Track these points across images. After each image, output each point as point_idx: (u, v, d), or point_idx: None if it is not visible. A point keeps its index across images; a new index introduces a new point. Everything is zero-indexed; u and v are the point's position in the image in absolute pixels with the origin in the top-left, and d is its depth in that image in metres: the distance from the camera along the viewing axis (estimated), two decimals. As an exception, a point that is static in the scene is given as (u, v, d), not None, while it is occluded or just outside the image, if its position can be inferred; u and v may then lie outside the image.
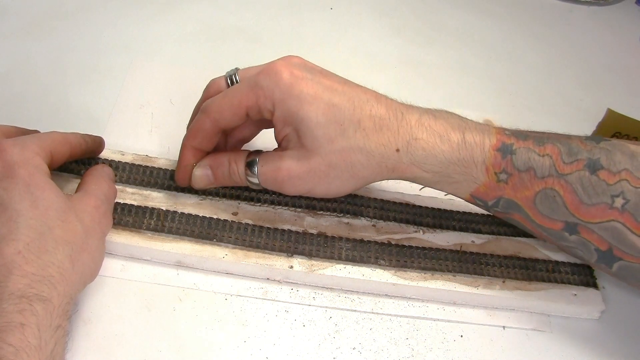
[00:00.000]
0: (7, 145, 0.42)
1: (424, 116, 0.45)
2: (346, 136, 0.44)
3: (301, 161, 0.45)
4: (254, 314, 0.47)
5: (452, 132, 0.45)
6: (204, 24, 0.71)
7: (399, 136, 0.45)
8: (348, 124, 0.44)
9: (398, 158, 0.45)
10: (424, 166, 0.45)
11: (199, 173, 0.49)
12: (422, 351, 0.46)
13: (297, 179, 0.46)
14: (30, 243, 0.39)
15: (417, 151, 0.45)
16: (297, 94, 0.44)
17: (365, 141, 0.45)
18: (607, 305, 0.50)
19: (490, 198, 0.46)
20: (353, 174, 0.46)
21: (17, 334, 0.35)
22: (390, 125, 0.45)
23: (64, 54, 0.64)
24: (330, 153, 0.45)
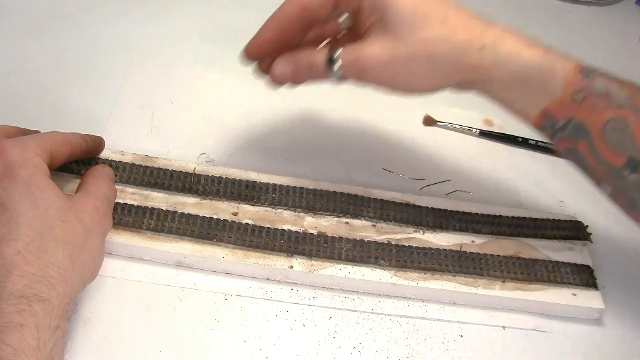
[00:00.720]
0: (7, 145, 0.42)
1: (509, 28, 0.45)
2: (432, 27, 0.44)
3: (384, 48, 0.45)
4: (254, 314, 0.47)
5: (536, 45, 0.45)
6: (204, 24, 0.71)
7: (484, 35, 0.44)
8: (434, 17, 0.44)
9: (481, 56, 0.44)
10: (506, 68, 0.44)
11: (278, 67, 0.48)
12: (422, 351, 0.46)
13: (379, 65, 0.45)
14: (30, 243, 0.39)
15: (503, 51, 0.44)
16: None
17: (450, 34, 0.44)
18: (607, 305, 0.50)
19: (560, 118, 0.45)
20: (434, 65, 0.45)
21: (15, 334, 0.35)
22: (476, 25, 0.45)
23: (64, 54, 0.64)
24: (414, 42, 0.44)
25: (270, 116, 0.62)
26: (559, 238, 0.53)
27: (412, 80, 0.46)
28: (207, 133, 0.59)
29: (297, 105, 0.63)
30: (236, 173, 0.53)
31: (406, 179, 0.57)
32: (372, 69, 0.46)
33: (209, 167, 0.54)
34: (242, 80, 0.65)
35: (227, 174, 0.53)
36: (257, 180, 0.53)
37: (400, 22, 0.44)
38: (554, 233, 0.53)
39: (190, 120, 0.60)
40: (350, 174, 0.57)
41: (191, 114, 0.60)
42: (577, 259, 0.52)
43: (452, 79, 0.46)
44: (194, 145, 0.57)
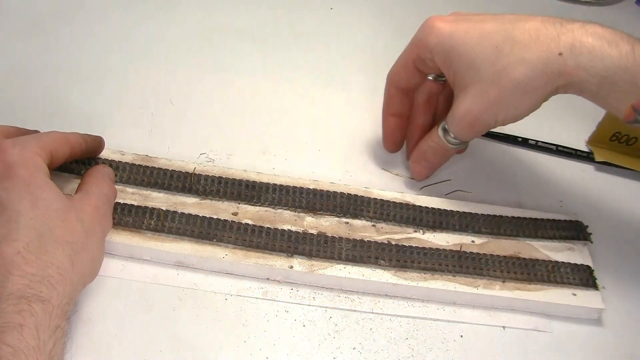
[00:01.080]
0: (7, 145, 0.42)
1: (588, 24, 0.45)
2: (504, 54, 0.45)
3: (475, 98, 0.47)
4: (254, 314, 0.47)
5: (620, 41, 0.44)
6: (203, 24, 0.71)
7: (560, 41, 0.44)
8: (503, 44, 0.45)
9: (562, 61, 0.44)
10: (590, 69, 0.44)
11: (414, 169, 0.55)
12: (422, 351, 0.46)
13: (481, 115, 0.47)
14: (29, 243, 0.39)
15: (583, 53, 0.44)
16: (448, 35, 0.47)
17: (523, 53, 0.45)
18: (606, 305, 0.50)
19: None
20: (522, 88, 0.46)
21: (15, 334, 0.35)
22: (547, 33, 0.45)
23: (63, 54, 0.64)
24: (495, 75, 0.46)
25: (270, 116, 0.62)
26: (559, 238, 0.53)
27: (512, 111, 0.47)
28: (207, 133, 0.59)
29: (297, 106, 0.63)
30: (236, 173, 0.53)
31: (406, 179, 0.57)
32: (476, 120, 0.48)
33: (209, 167, 0.54)
34: (242, 80, 0.65)
35: (227, 174, 0.53)
36: (257, 180, 0.53)
37: (474, 66, 0.46)
38: (554, 233, 0.53)
39: (190, 120, 0.60)
40: (350, 174, 0.57)
41: (191, 114, 0.60)
42: (577, 259, 0.52)
43: (546, 90, 0.46)
44: (194, 145, 0.57)
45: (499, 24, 0.47)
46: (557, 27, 0.45)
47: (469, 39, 0.47)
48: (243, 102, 0.63)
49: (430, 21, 0.49)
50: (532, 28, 0.45)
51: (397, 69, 0.53)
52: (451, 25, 0.48)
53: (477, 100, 0.47)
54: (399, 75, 0.53)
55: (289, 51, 0.69)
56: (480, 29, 0.47)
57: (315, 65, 0.68)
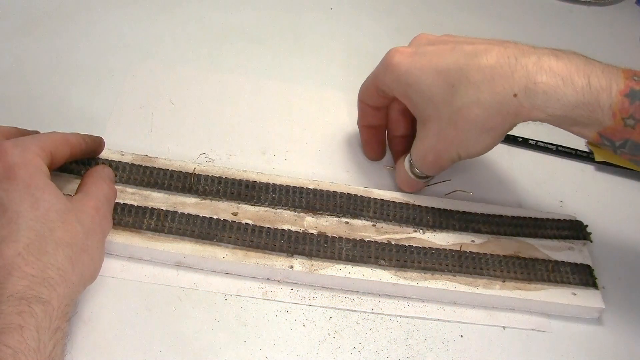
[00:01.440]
0: (7, 146, 0.42)
1: (543, 58, 0.44)
2: (459, 95, 0.45)
3: (435, 136, 0.48)
4: (254, 314, 0.47)
5: (575, 76, 0.43)
6: (204, 24, 0.71)
7: (514, 81, 0.44)
8: (458, 84, 0.45)
9: (518, 103, 0.44)
10: (547, 110, 0.43)
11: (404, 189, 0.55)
12: (422, 351, 0.46)
13: (442, 153, 0.48)
14: (30, 245, 0.39)
15: (538, 95, 0.43)
16: (404, 72, 0.48)
17: (478, 94, 0.45)
18: (606, 305, 0.50)
19: (617, 139, 0.44)
20: (478, 128, 0.46)
21: (15, 336, 0.35)
22: (502, 72, 0.44)
23: (63, 54, 0.64)
24: (451, 114, 0.46)
25: (270, 116, 0.62)
26: (558, 238, 0.53)
27: (472, 149, 0.48)
28: (207, 133, 0.59)
29: (297, 106, 0.63)
30: (236, 173, 0.53)
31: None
32: (439, 158, 0.49)
33: (209, 167, 0.54)
34: (242, 80, 0.65)
35: (227, 174, 0.53)
36: (257, 180, 0.53)
37: (431, 104, 0.47)
38: (553, 233, 0.53)
39: (190, 120, 0.60)
40: (350, 174, 0.57)
41: (191, 114, 0.60)
42: (577, 258, 0.52)
43: (504, 128, 0.46)
44: (194, 145, 0.57)
45: (455, 60, 0.46)
46: (511, 64, 0.44)
47: (425, 77, 0.47)
48: (243, 102, 0.63)
49: (390, 56, 0.49)
50: (487, 66, 0.45)
51: (364, 91, 0.54)
52: (408, 61, 0.48)
53: (436, 139, 0.48)
54: (366, 95, 0.54)
55: (289, 51, 0.69)
56: (436, 66, 0.47)
57: (315, 65, 0.68)
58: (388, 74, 0.49)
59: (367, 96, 0.54)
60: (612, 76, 0.43)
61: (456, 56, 0.46)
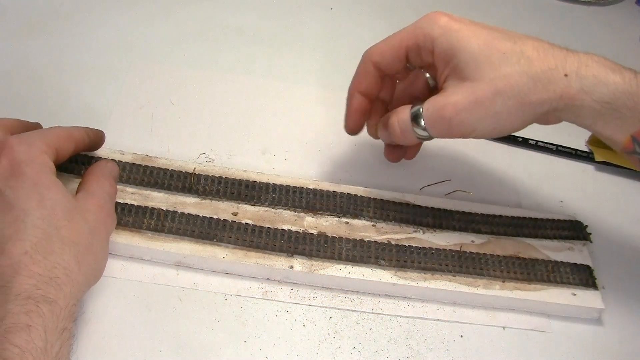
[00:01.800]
0: (13, 143, 0.42)
1: (592, 53, 0.44)
2: (510, 63, 0.44)
3: (466, 92, 0.44)
4: (254, 314, 0.47)
5: (623, 69, 0.43)
6: (204, 24, 0.71)
7: (567, 63, 0.43)
8: (510, 53, 0.44)
9: (567, 83, 0.43)
10: (594, 94, 0.43)
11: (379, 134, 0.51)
12: (422, 351, 0.46)
13: (464, 112, 0.44)
14: (37, 243, 0.38)
15: (588, 77, 0.43)
16: (456, 29, 0.45)
17: (530, 66, 0.43)
18: (606, 305, 0.50)
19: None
20: (520, 99, 0.43)
21: (23, 335, 0.35)
22: (555, 53, 0.44)
23: (64, 54, 0.64)
24: (495, 79, 0.43)
25: (269, 116, 0.62)
26: (558, 238, 0.53)
27: (499, 121, 0.44)
28: (207, 133, 0.59)
29: (297, 106, 0.63)
30: (236, 173, 0.53)
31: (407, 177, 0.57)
32: (457, 116, 0.44)
33: (209, 167, 0.54)
34: (242, 80, 0.65)
35: (227, 174, 0.53)
36: (257, 180, 0.53)
37: (476, 64, 0.44)
38: (553, 233, 0.53)
39: (190, 120, 0.60)
40: (350, 174, 0.57)
41: (191, 114, 0.60)
42: (576, 258, 0.52)
43: (540, 110, 0.44)
44: (194, 145, 0.57)
45: (507, 35, 0.45)
46: (564, 51, 0.44)
47: (476, 39, 0.45)
48: (243, 102, 0.63)
49: (436, 14, 0.47)
50: (541, 47, 0.44)
51: (384, 50, 0.49)
52: (458, 23, 0.46)
53: (468, 95, 0.44)
54: (383, 55, 0.49)
55: (289, 51, 0.69)
56: (489, 34, 0.45)
57: (315, 65, 0.68)
58: (436, 28, 0.46)
59: (387, 54, 0.48)
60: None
61: (508, 33, 0.45)
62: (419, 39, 0.47)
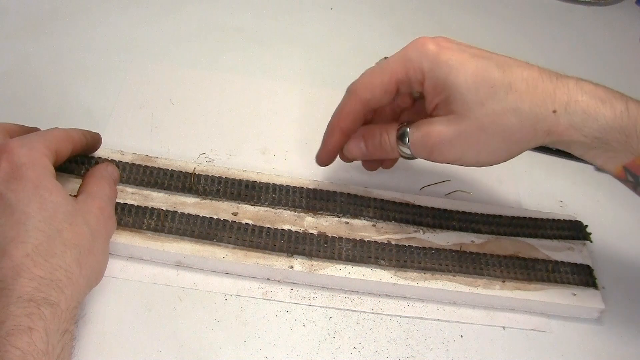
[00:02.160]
0: (14, 146, 0.42)
1: (582, 82, 0.43)
2: (497, 98, 0.43)
3: (451, 124, 0.44)
4: (254, 314, 0.47)
5: (614, 99, 0.42)
6: (204, 24, 0.71)
7: (556, 97, 0.42)
8: (499, 86, 0.43)
9: (555, 120, 0.42)
10: (583, 130, 0.42)
11: (351, 146, 0.49)
12: (422, 351, 0.46)
13: (447, 143, 0.45)
14: (38, 246, 0.38)
15: (577, 113, 0.42)
16: (445, 61, 0.44)
17: (518, 102, 0.43)
18: (606, 305, 0.50)
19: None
20: (505, 137, 0.44)
21: (24, 337, 0.35)
22: (544, 86, 0.43)
23: (64, 54, 0.64)
24: (482, 116, 0.43)
25: (270, 116, 0.62)
26: (558, 238, 0.53)
27: (483, 154, 0.45)
28: (207, 133, 0.59)
29: (297, 106, 0.63)
30: (236, 173, 0.53)
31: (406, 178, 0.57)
32: (441, 146, 0.45)
33: (209, 167, 0.54)
34: (242, 80, 0.65)
35: (227, 174, 0.53)
36: (257, 180, 0.53)
37: (466, 98, 0.44)
38: (553, 233, 0.53)
39: (190, 120, 0.60)
40: (350, 174, 0.57)
41: (191, 114, 0.60)
42: (576, 258, 0.52)
43: (527, 145, 0.44)
44: (194, 145, 0.57)
45: (496, 65, 0.44)
46: (553, 81, 0.43)
47: (465, 72, 0.44)
48: (243, 102, 0.63)
49: (423, 43, 0.45)
50: (530, 77, 0.43)
51: (374, 86, 0.47)
52: (447, 52, 0.45)
53: (454, 127, 0.44)
54: (373, 93, 0.47)
55: (289, 51, 0.69)
56: (477, 64, 0.44)
57: (315, 65, 0.68)
58: (426, 61, 0.45)
59: (377, 90, 0.47)
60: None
61: (496, 61, 0.44)
62: (410, 72, 0.46)
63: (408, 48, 0.46)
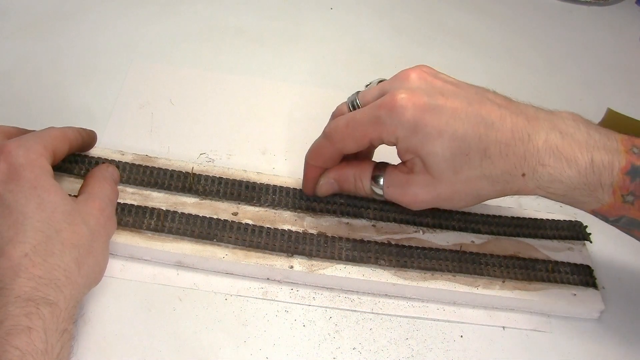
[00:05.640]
0: (12, 147, 0.42)
1: (550, 135, 0.44)
2: (472, 166, 0.44)
3: (427, 189, 0.46)
4: (254, 314, 0.47)
5: (579, 155, 0.43)
6: (204, 24, 0.71)
7: (526, 162, 0.44)
8: (474, 154, 0.44)
9: (524, 182, 0.44)
10: (549, 189, 0.44)
11: (324, 183, 0.51)
12: (422, 351, 0.46)
13: (421, 202, 0.47)
14: (37, 246, 0.38)
15: (544, 176, 0.44)
16: (420, 130, 0.44)
17: (491, 169, 0.44)
18: (606, 305, 0.50)
19: (612, 215, 0.45)
20: (477, 197, 0.46)
21: (23, 337, 0.35)
22: (516, 150, 0.44)
23: (64, 54, 0.64)
24: (456, 182, 0.45)
25: (269, 116, 0.62)
26: (558, 238, 0.53)
27: (455, 206, 0.49)
28: (207, 133, 0.59)
29: (297, 106, 0.63)
30: (236, 173, 0.53)
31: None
32: (415, 204, 0.48)
33: (209, 167, 0.54)
34: (242, 80, 0.65)
35: (227, 174, 0.53)
36: (257, 180, 0.53)
37: (441, 167, 0.45)
38: (553, 233, 0.53)
39: (190, 120, 0.60)
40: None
41: (191, 114, 0.60)
42: (576, 258, 0.52)
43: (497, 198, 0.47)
44: (194, 145, 0.57)
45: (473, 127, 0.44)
46: (524, 141, 0.44)
47: (441, 143, 0.44)
48: (243, 102, 0.63)
49: (400, 106, 0.44)
50: (503, 142, 0.44)
51: (346, 138, 0.47)
52: (423, 119, 0.44)
53: (427, 190, 0.46)
54: (346, 145, 0.47)
55: (289, 51, 0.69)
56: (455, 131, 0.44)
57: (315, 65, 0.68)
58: (400, 128, 0.44)
59: (350, 142, 0.47)
60: (614, 152, 0.43)
61: (474, 122, 0.44)
62: (383, 134, 0.45)
63: (383, 108, 0.45)
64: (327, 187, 0.51)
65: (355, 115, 0.47)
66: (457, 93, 0.45)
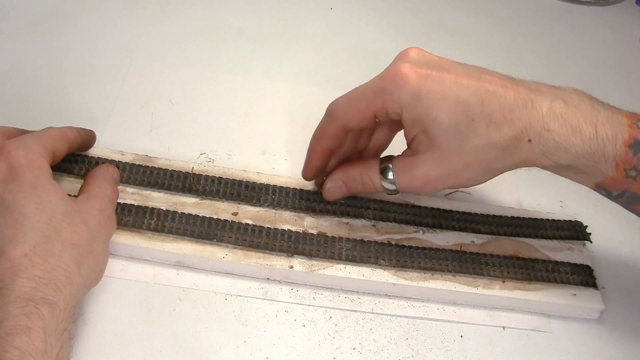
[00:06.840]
0: (11, 147, 0.42)
1: (554, 103, 0.44)
2: (478, 133, 0.44)
3: (437, 165, 0.45)
4: (254, 314, 0.47)
5: (584, 124, 0.43)
6: (204, 24, 0.71)
7: (531, 127, 0.44)
8: (479, 119, 0.44)
9: (530, 149, 0.44)
10: (554, 157, 0.44)
11: (331, 186, 0.50)
12: (422, 351, 0.46)
13: (434, 182, 0.46)
14: (36, 246, 0.38)
15: (549, 143, 0.43)
16: (424, 96, 0.44)
17: (497, 135, 0.44)
18: (606, 305, 0.50)
19: (615, 189, 0.45)
20: (487, 168, 0.45)
21: (23, 337, 0.35)
22: (520, 116, 0.44)
23: (64, 54, 0.64)
24: (465, 153, 0.44)
25: (269, 116, 0.62)
26: (558, 238, 0.53)
27: (467, 182, 0.47)
28: (207, 133, 0.59)
29: (297, 106, 0.63)
30: (236, 173, 0.53)
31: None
32: (428, 184, 0.46)
33: (209, 167, 0.54)
34: (242, 80, 0.65)
35: (227, 174, 0.53)
36: (257, 180, 0.53)
37: (448, 135, 0.44)
38: (553, 233, 0.53)
39: (190, 120, 0.60)
40: (350, 174, 0.57)
41: (191, 114, 0.60)
42: (576, 259, 0.52)
43: (505, 171, 0.46)
44: (194, 145, 0.57)
45: (475, 93, 0.44)
46: (528, 107, 0.44)
47: (446, 108, 0.44)
48: (243, 102, 0.63)
49: (403, 74, 0.44)
50: (507, 107, 0.44)
51: (351, 113, 0.47)
52: (427, 84, 0.44)
53: (439, 168, 0.45)
54: (349, 119, 0.47)
55: (289, 51, 0.69)
56: (457, 96, 0.44)
57: (316, 65, 0.68)
58: (404, 95, 0.44)
59: (354, 117, 0.47)
60: (617, 125, 0.43)
61: (476, 89, 0.44)
62: (387, 104, 0.45)
63: (386, 78, 0.45)
64: (335, 190, 0.50)
65: (357, 88, 0.47)
66: (456, 66, 0.46)
